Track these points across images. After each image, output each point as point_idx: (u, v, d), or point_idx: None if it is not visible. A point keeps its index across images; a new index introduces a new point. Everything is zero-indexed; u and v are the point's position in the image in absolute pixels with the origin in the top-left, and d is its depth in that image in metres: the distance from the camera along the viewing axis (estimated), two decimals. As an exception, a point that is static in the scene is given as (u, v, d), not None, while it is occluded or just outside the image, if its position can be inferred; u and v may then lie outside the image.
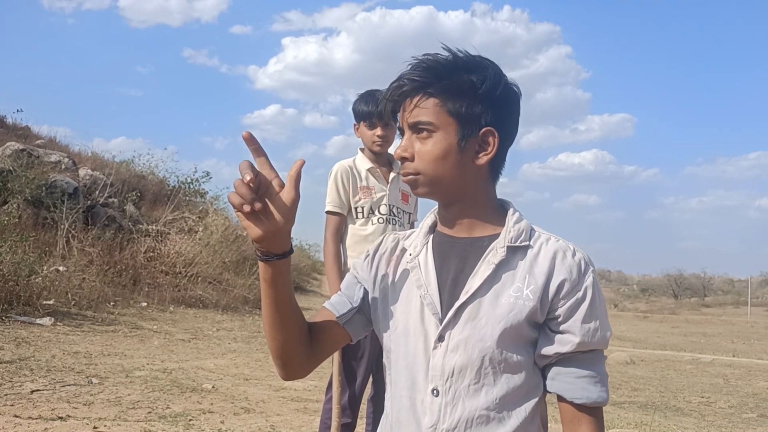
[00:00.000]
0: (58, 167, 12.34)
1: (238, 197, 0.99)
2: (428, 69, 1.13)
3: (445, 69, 1.13)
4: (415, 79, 1.13)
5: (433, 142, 1.14)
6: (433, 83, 1.13)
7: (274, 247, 1.05)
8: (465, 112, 1.13)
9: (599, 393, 1.10)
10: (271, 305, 1.12)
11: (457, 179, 1.16)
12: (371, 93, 2.99)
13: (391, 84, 1.17)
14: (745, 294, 41.58)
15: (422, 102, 1.13)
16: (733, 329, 23.31)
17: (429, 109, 1.13)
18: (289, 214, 1.03)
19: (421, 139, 1.15)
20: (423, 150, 1.15)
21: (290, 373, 1.20)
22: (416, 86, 1.13)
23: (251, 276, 14.10)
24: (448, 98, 1.13)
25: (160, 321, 9.51)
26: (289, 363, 1.18)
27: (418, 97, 1.14)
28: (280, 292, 1.10)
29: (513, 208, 1.21)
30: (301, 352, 1.17)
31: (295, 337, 1.16)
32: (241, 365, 6.97)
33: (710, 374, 9.94)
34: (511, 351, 1.10)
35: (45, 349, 6.21)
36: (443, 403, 1.10)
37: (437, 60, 1.14)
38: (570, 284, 1.11)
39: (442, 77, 1.13)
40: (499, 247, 1.14)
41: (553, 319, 1.11)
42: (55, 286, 8.70)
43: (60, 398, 4.52)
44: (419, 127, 1.14)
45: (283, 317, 1.13)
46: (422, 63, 1.15)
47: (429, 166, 1.14)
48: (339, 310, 1.22)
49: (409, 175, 1.17)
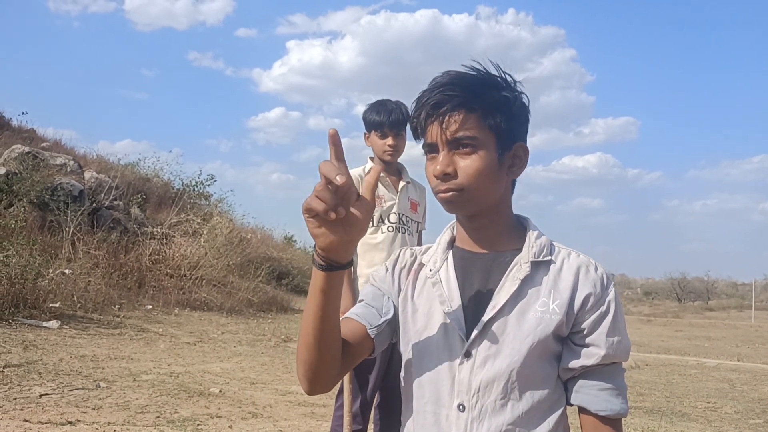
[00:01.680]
0: (63, 170, 12.38)
1: (321, 203, 0.94)
2: (466, 86, 1.14)
3: (482, 86, 1.15)
4: (456, 95, 1.13)
5: (477, 158, 1.14)
6: (474, 99, 1.13)
7: (340, 257, 1.01)
8: (504, 128, 1.15)
9: (621, 405, 1.13)
10: (318, 317, 1.06)
11: (494, 194, 1.17)
12: (382, 103, 3.01)
13: (425, 99, 1.15)
14: (748, 297, 41.52)
15: (464, 118, 1.13)
16: (737, 333, 23.24)
17: (471, 123, 1.13)
18: (364, 224, 1.00)
19: (463, 155, 1.14)
20: (467, 165, 1.13)
21: (317, 387, 1.15)
22: (457, 103, 1.13)
23: (255, 279, 14.14)
24: (488, 114, 1.14)
25: (166, 324, 9.52)
26: (320, 378, 1.14)
27: (458, 113, 1.13)
28: (331, 304, 1.06)
29: (532, 223, 1.23)
30: (335, 367, 1.14)
31: (333, 352, 1.12)
32: (247, 369, 6.98)
33: (716, 379, 9.92)
34: (537, 365, 1.12)
35: (52, 352, 6.23)
36: (469, 419, 1.10)
37: (474, 77, 1.15)
38: (594, 298, 1.14)
39: (481, 94, 1.14)
40: (523, 263, 1.16)
41: (578, 333, 1.14)
42: (60, 289, 8.71)
43: (69, 402, 4.53)
44: (463, 143, 1.13)
45: (326, 330, 1.08)
46: (459, 79, 1.14)
47: (473, 181, 1.13)
48: (371, 322, 1.20)
49: (451, 192, 1.14)
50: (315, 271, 1.04)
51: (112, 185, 12.92)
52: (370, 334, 1.19)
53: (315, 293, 1.05)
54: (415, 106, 1.17)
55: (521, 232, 1.22)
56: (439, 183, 1.14)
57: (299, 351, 1.12)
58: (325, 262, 1.02)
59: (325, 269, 1.02)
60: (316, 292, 1.05)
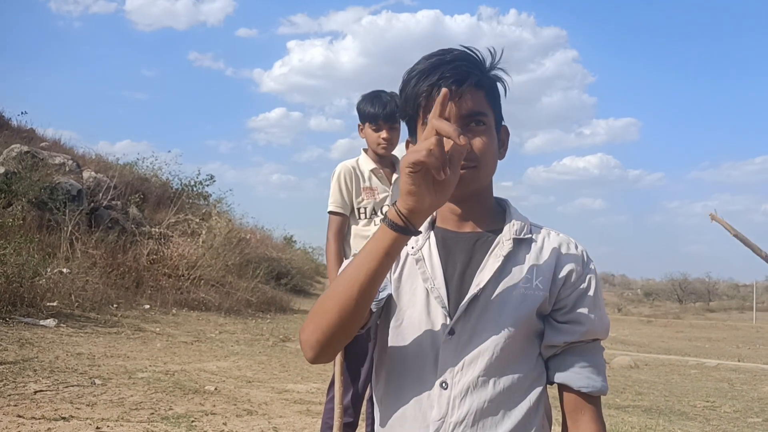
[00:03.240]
0: (62, 169, 12.38)
1: (436, 159, 0.93)
2: (476, 64, 1.14)
3: (484, 64, 1.15)
4: (471, 72, 1.11)
5: (488, 135, 1.14)
6: (481, 76, 1.13)
7: (419, 221, 1.00)
8: (498, 109, 1.18)
9: (602, 383, 1.13)
10: (370, 280, 1.03)
11: (493, 173, 1.19)
12: (377, 94, 2.97)
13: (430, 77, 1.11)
14: (750, 299, 41.46)
15: (477, 95, 1.13)
16: (738, 334, 23.22)
17: (483, 102, 1.13)
18: (450, 194, 0.99)
19: (478, 131, 1.12)
20: (481, 142, 1.12)
21: (323, 356, 1.11)
22: (474, 79, 1.11)
23: (254, 279, 14.11)
24: (490, 93, 1.15)
25: (163, 323, 9.51)
26: (331, 347, 1.09)
27: (474, 90, 1.12)
28: (386, 269, 1.04)
29: (511, 205, 1.24)
30: (351, 336, 1.10)
31: (359, 321, 1.08)
32: (244, 368, 6.96)
33: (715, 379, 9.89)
34: (520, 343, 1.11)
35: (48, 350, 6.21)
36: (452, 396, 1.09)
37: (470, 54, 1.15)
38: (576, 274, 1.14)
39: (486, 72, 1.15)
40: (505, 240, 1.15)
41: (560, 309, 1.13)
42: (58, 287, 8.71)
43: (63, 399, 4.51)
44: (477, 118, 1.12)
45: (369, 295, 1.05)
46: (461, 54, 1.14)
47: (486, 158, 1.13)
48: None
49: (468, 169, 1.10)
50: (384, 231, 1.01)
51: (111, 185, 12.91)
52: (372, 308, 1.14)
53: (376, 255, 1.02)
54: (420, 81, 1.12)
55: (501, 213, 1.22)
56: None
57: (322, 316, 1.07)
58: (405, 224, 0.99)
59: (401, 231, 1.00)
60: (380, 253, 1.01)
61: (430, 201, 0.97)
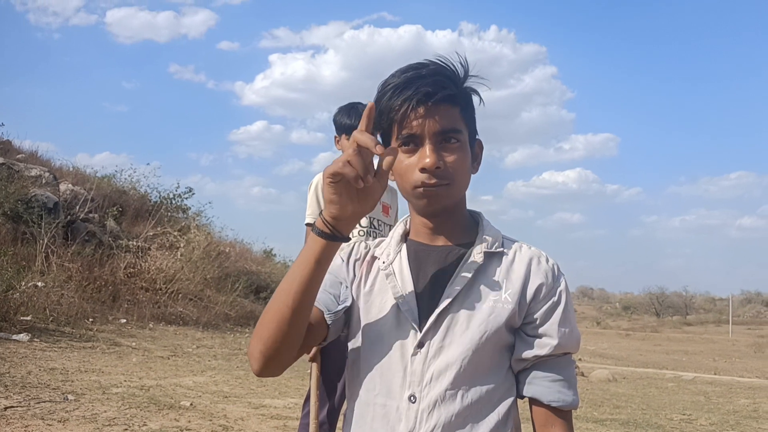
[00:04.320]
0: (38, 182, 12.21)
1: (352, 169, 0.96)
2: (451, 78, 1.13)
3: (459, 79, 1.15)
4: (445, 87, 1.11)
5: (462, 152, 1.14)
6: (456, 92, 1.13)
7: (346, 229, 1.04)
8: (473, 123, 1.17)
9: (573, 397, 1.13)
10: (303, 288, 1.04)
11: (466, 188, 1.19)
12: (353, 106, 2.98)
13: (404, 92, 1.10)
14: (726, 312, 42.00)
15: (452, 110, 1.12)
16: (714, 347, 23.48)
17: (457, 117, 1.13)
18: (377, 199, 1.03)
19: (451, 148, 1.12)
20: (455, 159, 1.12)
21: (271, 368, 1.10)
22: (448, 95, 1.11)
23: (233, 293, 13.98)
24: (465, 108, 1.15)
25: (139, 338, 9.38)
26: (277, 358, 1.09)
27: (448, 106, 1.11)
28: (319, 277, 1.06)
29: (484, 218, 1.24)
30: (295, 348, 1.09)
31: (300, 331, 1.08)
32: (221, 383, 6.88)
33: (692, 392, 9.98)
34: (489, 356, 1.12)
35: (21, 365, 6.09)
36: (419, 409, 1.09)
37: (452, 69, 1.14)
38: (546, 288, 1.14)
39: (461, 87, 1.14)
40: (476, 254, 1.15)
41: (530, 323, 1.14)
42: (32, 301, 8.55)
43: (34, 415, 4.42)
44: (450, 136, 1.12)
45: (305, 304, 1.06)
46: (436, 68, 1.13)
47: (459, 174, 1.13)
48: (329, 308, 1.15)
49: (440, 186, 1.11)
50: (314, 239, 1.04)
51: (88, 197, 12.74)
52: (327, 320, 1.15)
53: (307, 263, 1.04)
54: (394, 95, 1.11)
55: (474, 226, 1.22)
56: (428, 177, 1.10)
57: (263, 327, 1.08)
58: (331, 231, 1.03)
59: (328, 238, 1.03)
60: (310, 261, 1.04)
61: (353, 209, 1.02)
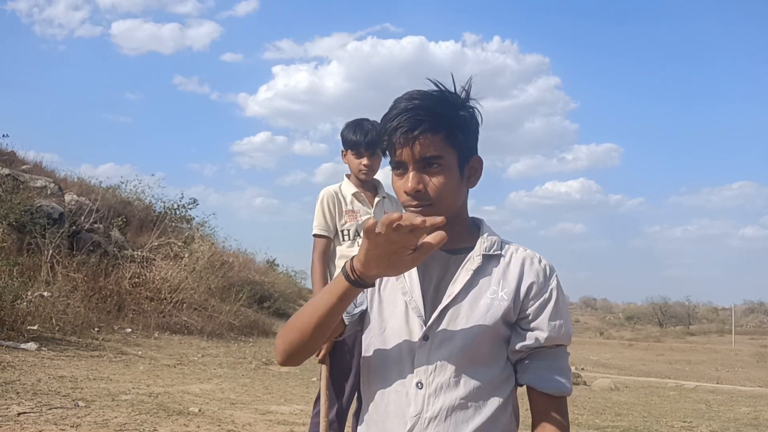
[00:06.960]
0: (43, 192, 12.33)
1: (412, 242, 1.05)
2: (432, 109, 1.23)
3: (443, 106, 1.25)
4: (422, 119, 1.22)
5: (444, 175, 1.25)
6: (437, 121, 1.23)
7: (372, 280, 1.14)
8: (463, 144, 1.27)
9: (566, 384, 1.27)
10: (325, 317, 1.19)
11: (457, 204, 1.30)
12: (359, 123, 3.11)
13: (391, 123, 1.24)
14: (729, 322, 41.90)
15: (430, 140, 1.23)
16: (717, 357, 23.45)
17: (437, 144, 1.24)
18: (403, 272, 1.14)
19: (431, 173, 1.24)
20: (436, 182, 1.24)
21: (291, 362, 1.29)
22: (425, 127, 1.22)
23: (237, 302, 14.06)
24: (450, 133, 1.25)
25: (145, 347, 9.46)
26: (298, 356, 1.27)
27: (426, 136, 1.23)
28: (341, 310, 1.20)
29: (485, 224, 1.37)
30: (314, 350, 1.28)
31: (320, 341, 1.25)
32: (227, 390, 6.96)
33: (693, 400, 10.02)
34: (488, 347, 1.25)
35: (30, 373, 6.18)
36: (426, 394, 1.22)
37: (434, 98, 1.25)
38: (538, 286, 1.28)
39: (445, 115, 1.24)
40: (475, 256, 1.30)
41: (524, 318, 1.27)
42: (39, 311, 8.65)
43: (47, 420, 4.51)
44: (430, 162, 1.24)
45: (325, 327, 1.21)
46: (425, 102, 1.24)
47: (442, 195, 1.25)
48: (347, 310, 1.29)
49: (421, 207, 1.24)
50: (341, 280, 1.15)
51: (93, 208, 12.85)
52: (344, 320, 1.30)
53: (331, 297, 1.18)
54: (384, 128, 1.26)
55: (476, 231, 1.36)
56: (410, 199, 1.25)
57: (289, 333, 1.25)
58: (358, 279, 1.13)
59: (354, 284, 1.14)
60: (334, 297, 1.17)
61: (377, 272, 1.11)
